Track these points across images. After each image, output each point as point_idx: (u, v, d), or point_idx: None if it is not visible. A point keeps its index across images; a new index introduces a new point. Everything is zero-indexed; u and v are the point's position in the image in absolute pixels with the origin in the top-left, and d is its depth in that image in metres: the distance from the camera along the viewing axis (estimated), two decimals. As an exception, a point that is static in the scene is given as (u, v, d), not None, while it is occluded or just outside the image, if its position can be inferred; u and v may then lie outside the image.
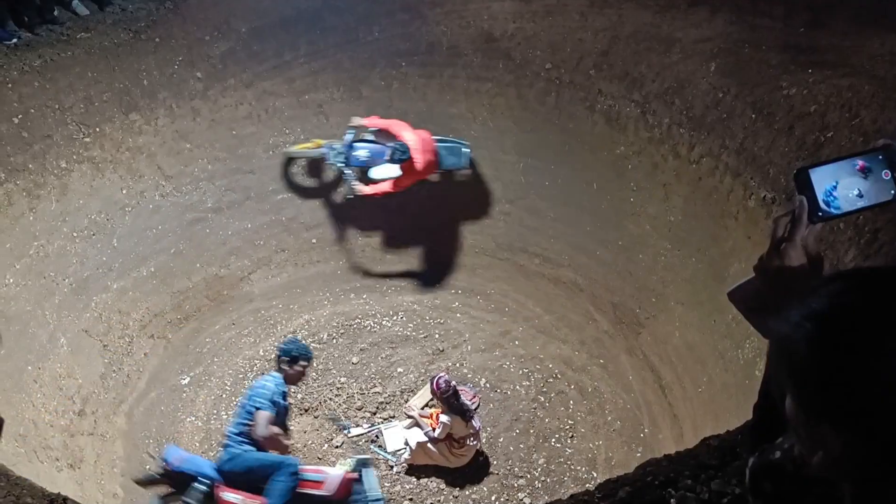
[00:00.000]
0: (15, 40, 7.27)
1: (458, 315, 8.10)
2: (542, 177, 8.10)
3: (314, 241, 8.53)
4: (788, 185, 5.60)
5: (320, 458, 6.82)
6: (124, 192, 7.53)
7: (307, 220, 8.50)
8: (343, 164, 7.82)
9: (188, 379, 7.50)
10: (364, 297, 8.33)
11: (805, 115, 5.64)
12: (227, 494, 5.43)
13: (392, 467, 6.79)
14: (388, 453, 6.84)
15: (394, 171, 7.55)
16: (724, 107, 6.43)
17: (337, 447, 6.90)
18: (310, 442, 6.94)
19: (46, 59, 7.06)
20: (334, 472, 5.71)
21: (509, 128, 8.18)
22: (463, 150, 7.94)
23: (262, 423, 5.47)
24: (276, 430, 5.61)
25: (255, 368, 7.57)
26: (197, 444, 7.01)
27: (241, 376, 7.51)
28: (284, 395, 5.85)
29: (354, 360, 7.64)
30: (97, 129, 7.31)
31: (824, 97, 5.78)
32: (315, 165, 8.38)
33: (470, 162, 8.06)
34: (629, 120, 7.32)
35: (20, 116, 6.75)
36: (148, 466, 6.37)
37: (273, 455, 5.65)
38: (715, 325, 6.38)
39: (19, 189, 6.67)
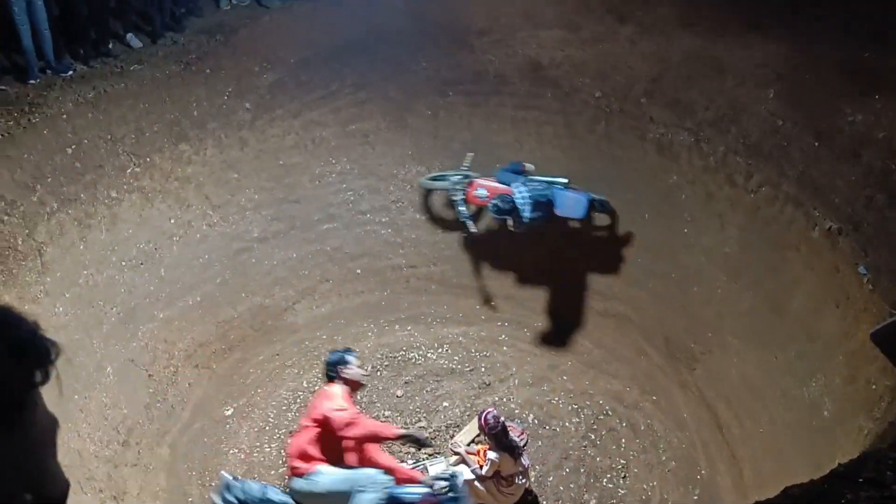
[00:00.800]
0: (70, 72, 7.41)
1: (505, 348, 7.91)
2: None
3: (358, 271, 8.46)
4: (854, 215, 5.35)
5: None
6: (172, 221, 7.57)
7: (352, 249, 8.45)
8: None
9: (232, 410, 7.43)
10: (409, 328, 8.20)
11: (872, 142, 5.39)
12: None
13: (437, 505, 6.57)
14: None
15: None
16: (783, 134, 6.21)
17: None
18: (353, 477, 6.77)
19: (100, 91, 7.16)
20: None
21: (557, 157, 8.05)
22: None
23: None
24: None
25: (298, 400, 7.47)
26: (240, 477, 6.89)
27: (284, 408, 7.41)
28: None
29: (399, 393, 7.49)
30: (147, 160, 7.38)
31: (890, 122, 5.53)
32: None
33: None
34: (682, 148, 7.13)
35: (73, 147, 6.83)
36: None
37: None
38: (776, 362, 6.09)
39: (71, 219, 6.73)
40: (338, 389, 5.38)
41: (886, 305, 4.70)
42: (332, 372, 5.55)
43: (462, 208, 7.73)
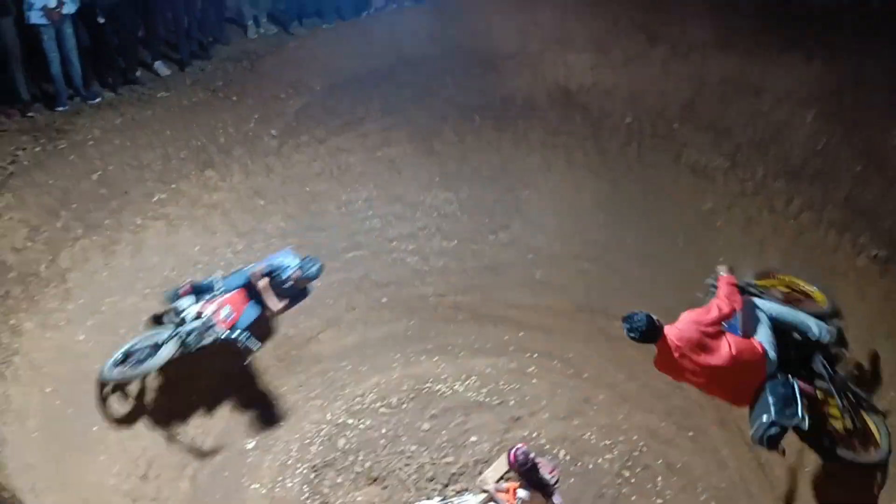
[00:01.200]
0: (98, 99, 7.43)
1: (535, 380, 7.63)
2: (623, 233, 7.68)
3: (385, 300, 8.28)
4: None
5: (388, 533, 6.42)
6: (197, 248, 7.48)
7: (378, 278, 8.27)
8: None
9: (253, 443, 7.24)
10: (436, 359, 7.96)
11: (923, 162, 5.11)
12: None
13: (464, 544, 6.30)
14: (461, 528, 6.36)
15: None
16: (826, 156, 5.95)
17: (408, 521, 6.48)
18: (378, 514, 6.54)
19: (127, 118, 7.16)
20: None
21: (588, 182, 7.85)
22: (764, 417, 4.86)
23: None
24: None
25: (321, 433, 7.25)
26: (261, 513, 6.71)
27: (307, 441, 7.20)
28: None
29: (426, 426, 7.24)
30: (173, 186, 7.32)
31: (942, 142, 5.26)
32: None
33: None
34: (718, 172, 6.89)
35: (100, 173, 6.80)
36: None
37: None
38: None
39: (95, 245, 6.67)
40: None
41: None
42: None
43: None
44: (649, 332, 4.94)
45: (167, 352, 6.27)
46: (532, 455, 5.86)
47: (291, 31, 8.51)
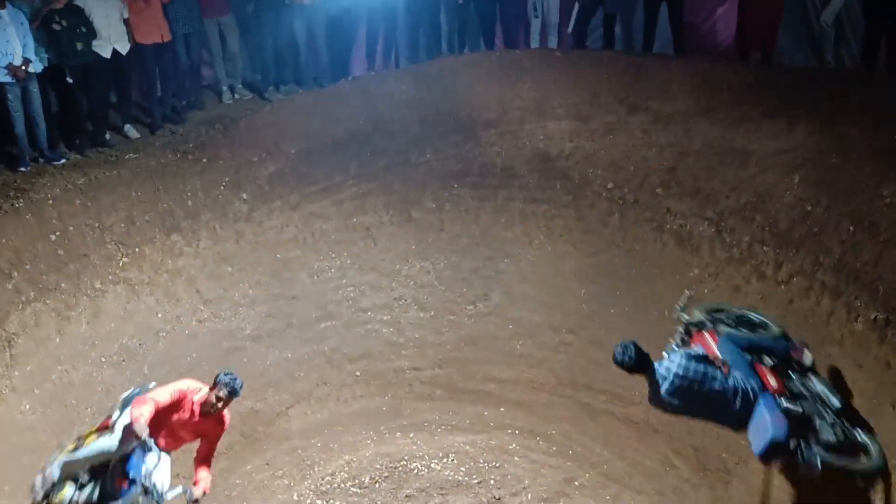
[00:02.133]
0: (63, 161, 7.15)
1: (517, 458, 7.19)
2: (606, 304, 7.42)
3: (358, 373, 7.86)
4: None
5: None
6: (160, 315, 7.08)
7: (351, 350, 7.88)
8: None
9: (213, 527, 6.67)
10: (411, 436, 7.51)
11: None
12: None
13: None
14: None
15: None
16: (814, 220, 5.81)
17: None
18: None
19: (91, 178, 6.88)
20: None
21: (569, 252, 7.64)
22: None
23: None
24: None
25: (287, 515, 6.72)
26: None
27: (271, 524, 6.66)
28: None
29: (399, 508, 6.74)
30: (136, 250, 6.99)
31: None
32: None
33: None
34: (703, 239, 6.73)
35: (58, 234, 6.46)
36: None
37: None
38: (826, 474, 5.39)
39: (48, 309, 6.26)
40: None
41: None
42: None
43: None
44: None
45: None
46: (516, 537, 5.40)
47: (267, 96, 8.37)
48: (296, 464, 7.26)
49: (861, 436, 4.66)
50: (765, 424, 4.66)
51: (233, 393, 5.22)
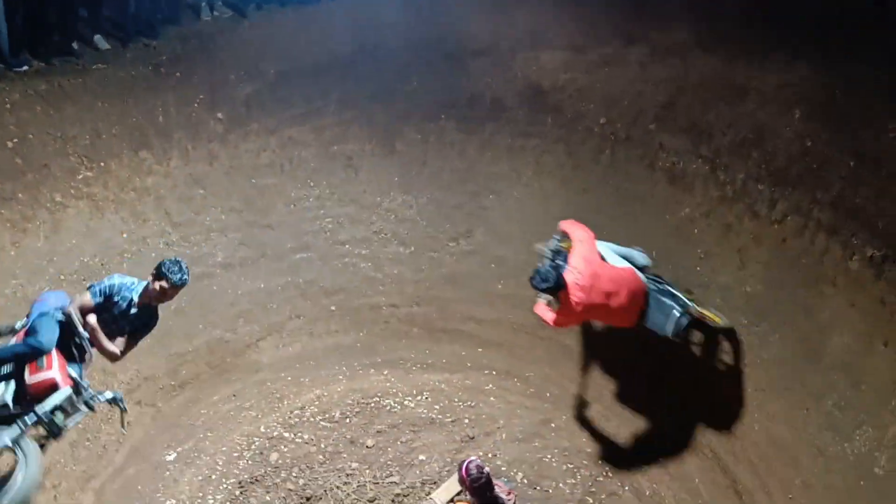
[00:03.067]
0: (25, 67, 6.72)
1: (492, 399, 6.99)
2: (593, 244, 7.16)
3: (333, 308, 7.59)
4: (907, 238, 4.61)
5: (318, 558, 5.65)
6: (125, 235, 6.74)
7: (327, 284, 7.60)
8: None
9: (174, 455, 6.43)
10: (385, 373, 7.28)
11: (922, 156, 4.70)
12: None
13: (405, 574, 5.57)
14: (403, 556, 5.64)
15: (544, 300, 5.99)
16: (814, 156, 5.53)
17: (339, 545, 5.73)
18: (309, 537, 5.78)
19: (55, 86, 6.48)
20: None
21: (557, 189, 7.34)
22: (675, 312, 5.65)
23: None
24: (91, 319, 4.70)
25: (253, 447, 6.49)
26: (175, 533, 5.89)
27: (235, 455, 6.42)
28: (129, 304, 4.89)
29: (370, 443, 6.52)
30: (101, 165, 6.61)
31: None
32: None
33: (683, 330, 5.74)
34: (696, 177, 6.44)
35: (16, 141, 6.08)
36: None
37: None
38: (808, 415, 5.23)
39: (3, 219, 5.91)
40: None
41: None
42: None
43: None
44: (557, 283, 5.46)
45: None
46: (486, 470, 5.18)
47: (248, 14, 7.92)
48: (264, 396, 7.03)
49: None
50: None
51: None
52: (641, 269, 5.83)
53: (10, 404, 4.48)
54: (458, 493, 5.84)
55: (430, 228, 7.66)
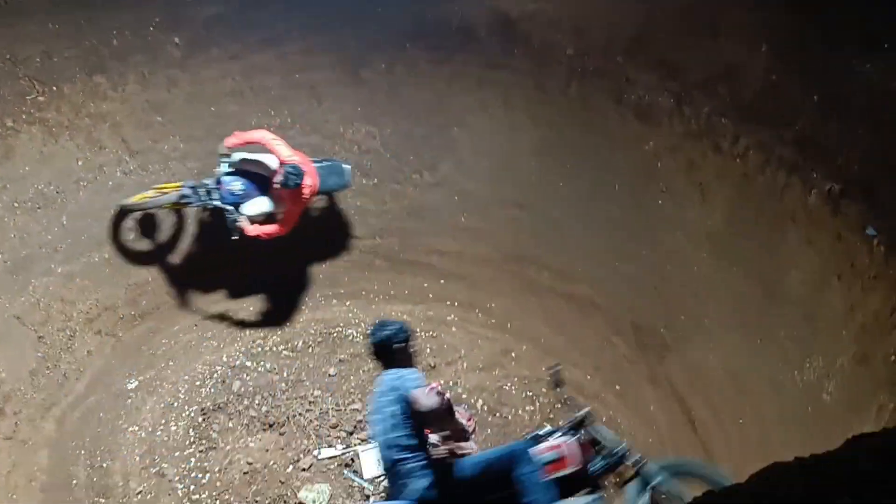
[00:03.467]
0: (-31, -18, 6.39)
1: (454, 329, 7.07)
2: (557, 178, 7.14)
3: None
4: (863, 174, 4.68)
5: (283, 482, 5.73)
6: (80, 163, 6.56)
7: (289, 215, 7.50)
8: (218, 203, 6.40)
9: (136, 383, 6.43)
10: (347, 303, 7.30)
11: (887, 93, 4.72)
12: None
13: (368, 497, 5.69)
14: (365, 481, 5.75)
15: (266, 204, 6.50)
16: (779, 92, 5.53)
17: (304, 470, 5.81)
18: (272, 462, 5.85)
19: (1, 2, 6.15)
20: (566, 440, 4.63)
21: (524, 122, 7.26)
22: (343, 166, 6.91)
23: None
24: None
25: (215, 375, 6.51)
26: (137, 459, 5.91)
27: (198, 383, 6.44)
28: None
29: (332, 371, 6.58)
30: (54, 89, 6.38)
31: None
32: (150, 220, 6.93)
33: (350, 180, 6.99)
34: (662, 112, 6.42)
35: (-39, 61, 5.82)
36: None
37: (496, 448, 4.53)
38: (762, 347, 5.37)
39: (-50, 144, 5.71)
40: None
41: (909, 266, 4.02)
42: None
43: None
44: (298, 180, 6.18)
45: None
46: (448, 396, 5.24)
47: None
48: (226, 326, 7.02)
49: None
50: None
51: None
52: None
53: None
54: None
55: (394, 160, 7.56)
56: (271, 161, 6.42)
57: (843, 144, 4.86)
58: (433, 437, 5.05)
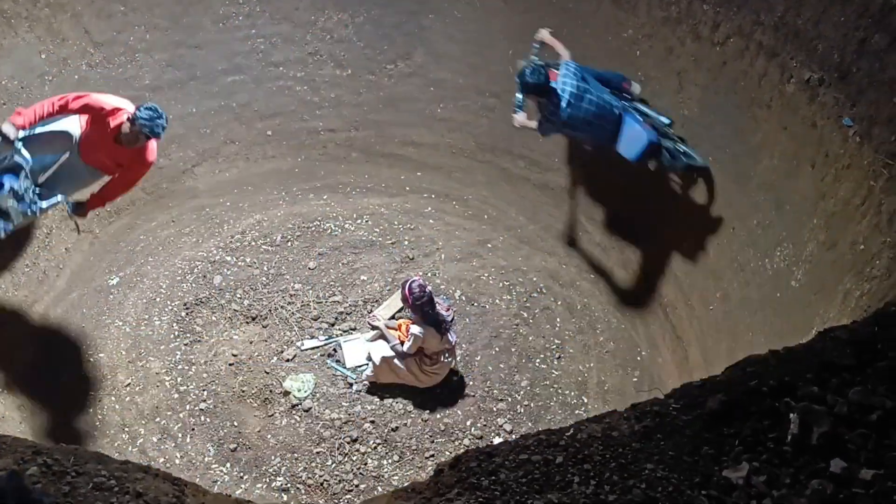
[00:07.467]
0: None
1: (432, 221, 7.13)
2: (533, 66, 7.04)
3: (269, 132, 7.41)
4: (842, 62, 4.67)
5: (268, 373, 5.91)
6: (43, 56, 6.31)
7: (261, 108, 7.35)
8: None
9: (117, 279, 6.47)
10: (325, 197, 7.29)
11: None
12: None
13: (351, 385, 5.91)
14: (348, 369, 5.95)
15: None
16: (760, -25, 5.41)
17: (288, 361, 5.98)
18: (256, 354, 6.01)
19: None
20: None
21: (499, 7, 7.07)
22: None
23: None
24: None
25: (195, 271, 6.56)
26: (124, 353, 6.04)
27: (178, 278, 6.50)
28: None
29: (311, 265, 6.66)
30: (8, -25, 6.05)
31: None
32: None
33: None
34: (641, -1, 6.28)
35: None
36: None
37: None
38: (734, 233, 5.51)
39: None
40: None
41: (881, 156, 4.08)
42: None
43: None
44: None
45: None
46: (428, 288, 5.41)
47: None
48: (203, 222, 7.02)
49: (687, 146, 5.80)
50: (637, 133, 5.70)
51: (149, 135, 4.83)
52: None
53: None
54: (400, 311, 6.11)
55: (367, 50, 7.38)
56: (70, 125, 5.38)
57: (821, 31, 4.81)
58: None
